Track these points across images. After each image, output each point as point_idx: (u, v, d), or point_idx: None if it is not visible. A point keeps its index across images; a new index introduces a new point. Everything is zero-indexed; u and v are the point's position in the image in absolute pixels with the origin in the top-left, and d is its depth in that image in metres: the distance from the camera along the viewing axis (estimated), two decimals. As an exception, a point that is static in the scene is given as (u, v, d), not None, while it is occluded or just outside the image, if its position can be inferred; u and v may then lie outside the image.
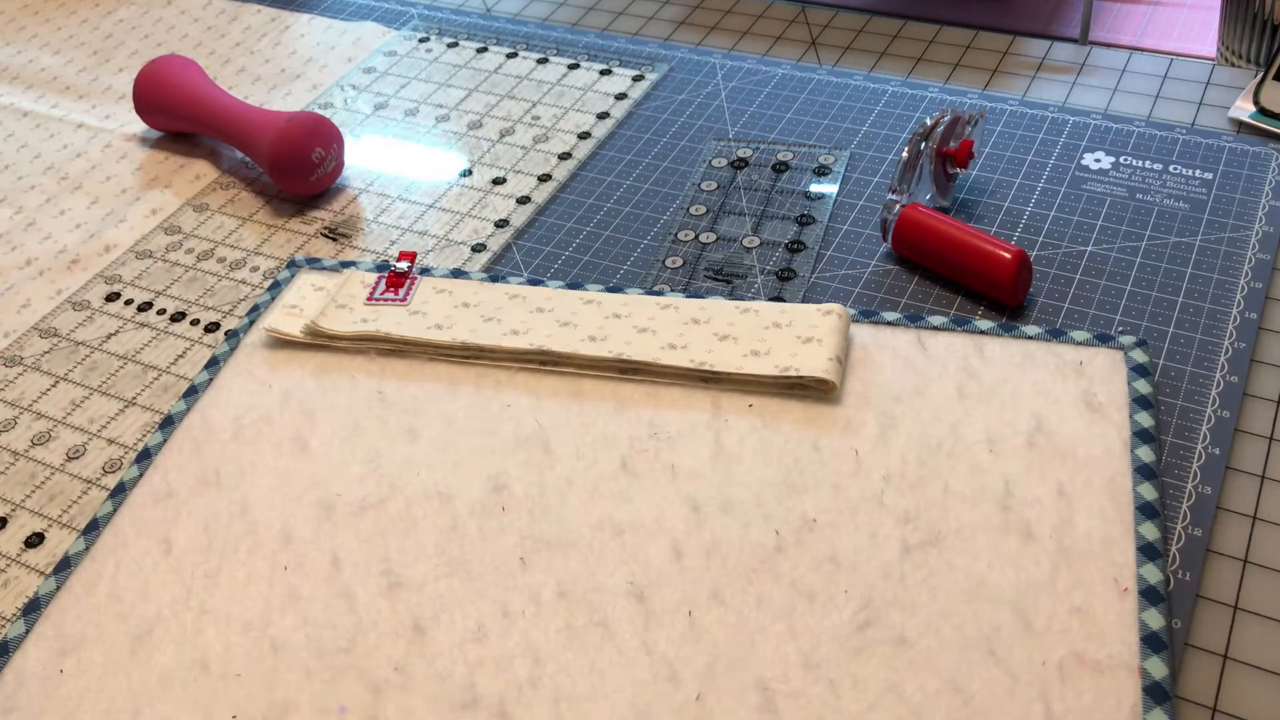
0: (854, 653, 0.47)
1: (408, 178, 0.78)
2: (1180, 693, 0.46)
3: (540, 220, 0.73)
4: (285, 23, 0.97)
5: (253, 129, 0.76)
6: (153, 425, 0.62)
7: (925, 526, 0.52)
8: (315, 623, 0.51)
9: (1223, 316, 0.61)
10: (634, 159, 0.77)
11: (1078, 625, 0.47)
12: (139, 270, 0.73)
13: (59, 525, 0.57)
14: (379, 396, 0.60)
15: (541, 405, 0.59)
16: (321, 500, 0.56)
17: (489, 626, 0.50)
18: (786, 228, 0.69)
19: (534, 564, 0.52)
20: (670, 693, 0.47)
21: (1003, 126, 0.76)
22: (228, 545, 0.54)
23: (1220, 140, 0.73)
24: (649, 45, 0.88)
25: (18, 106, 0.90)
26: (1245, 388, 0.58)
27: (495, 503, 0.55)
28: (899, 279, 0.65)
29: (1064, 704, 0.45)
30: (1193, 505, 0.52)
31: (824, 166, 0.74)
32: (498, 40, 0.91)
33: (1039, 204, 0.69)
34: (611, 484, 0.55)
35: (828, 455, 0.55)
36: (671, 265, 0.68)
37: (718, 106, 0.81)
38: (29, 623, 0.52)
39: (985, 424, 0.55)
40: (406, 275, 0.66)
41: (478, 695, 0.47)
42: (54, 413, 0.64)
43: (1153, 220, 0.67)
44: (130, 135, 0.85)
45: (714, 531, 0.52)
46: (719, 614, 0.49)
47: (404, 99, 0.85)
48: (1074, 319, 0.62)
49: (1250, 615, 0.49)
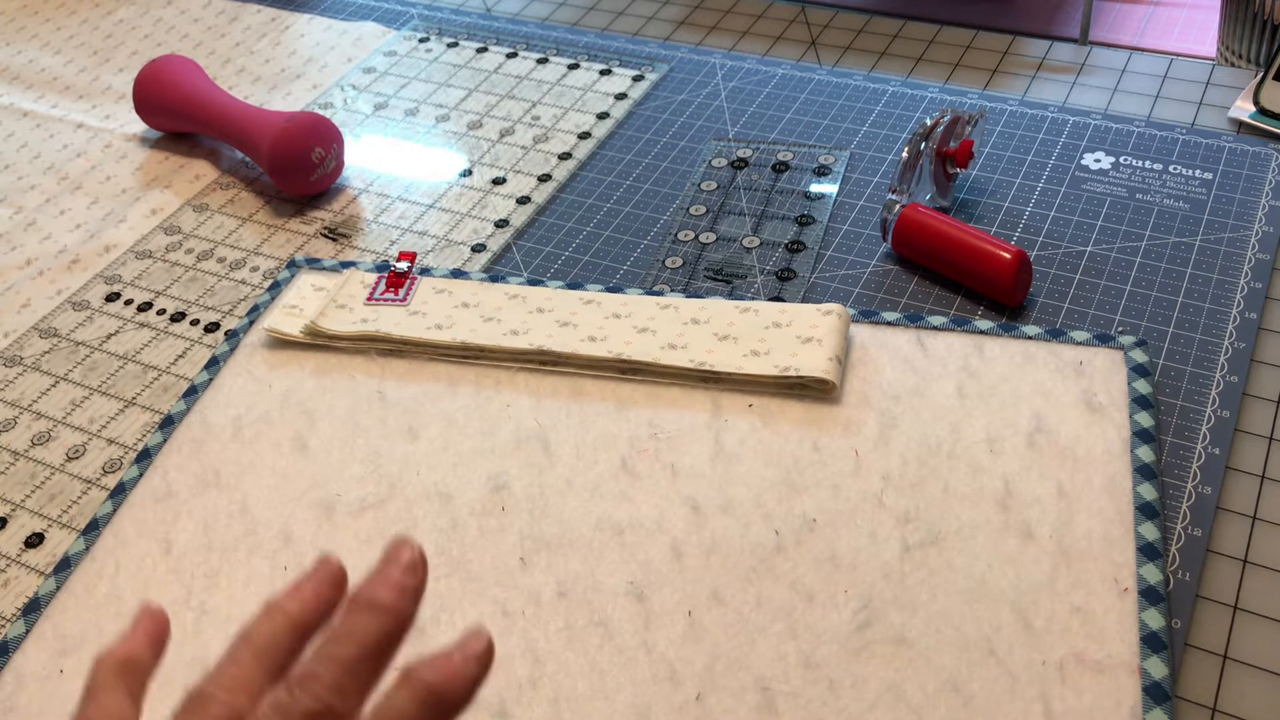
0: (854, 653, 0.47)
1: (408, 178, 0.78)
2: (1180, 693, 0.46)
3: (540, 220, 0.73)
4: (285, 23, 0.97)
5: (252, 129, 0.76)
6: (153, 425, 0.62)
7: (925, 526, 0.52)
8: (315, 623, 0.51)
9: (1222, 316, 0.61)
10: (634, 159, 0.77)
11: (1078, 625, 0.47)
12: (139, 270, 0.73)
13: (59, 525, 0.57)
14: (379, 396, 0.60)
15: (541, 405, 0.59)
16: (321, 500, 0.56)
17: (489, 626, 0.50)
18: (786, 228, 0.69)
19: (534, 564, 0.52)
20: (670, 693, 0.47)
21: (1003, 126, 0.76)
22: (228, 545, 0.54)
23: (1220, 140, 0.73)
24: (649, 45, 0.88)
25: (18, 106, 0.90)
26: (1245, 388, 0.58)
27: (495, 503, 0.55)
28: (899, 279, 0.65)
29: (1064, 704, 0.45)
30: (1193, 505, 0.52)
31: (824, 166, 0.74)
32: (498, 40, 0.91)
33: (1039, 204, 0.69)
34: (611, 484, 0.55)
35: (828, 455, 0.55)
36: (671, 265, 0.68)
37: (718, 106, 0.81)
38: (29, 623, 0.52)
39: (985, 424, 0.55)
40: (406, 275, 0.66)
41: (478, 695, 0.47)
42: (54, 413, 0.64)
43: (1153, 220, 0.67)
44: (130, 135, 0.85)
45: (714, 531, 0.52)
46: (719, 614, 0.49)
47: (404, 99, 0.85)
48: (1074, 319, 0.62)
49: (1250, 615, 0.49)
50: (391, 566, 0.34)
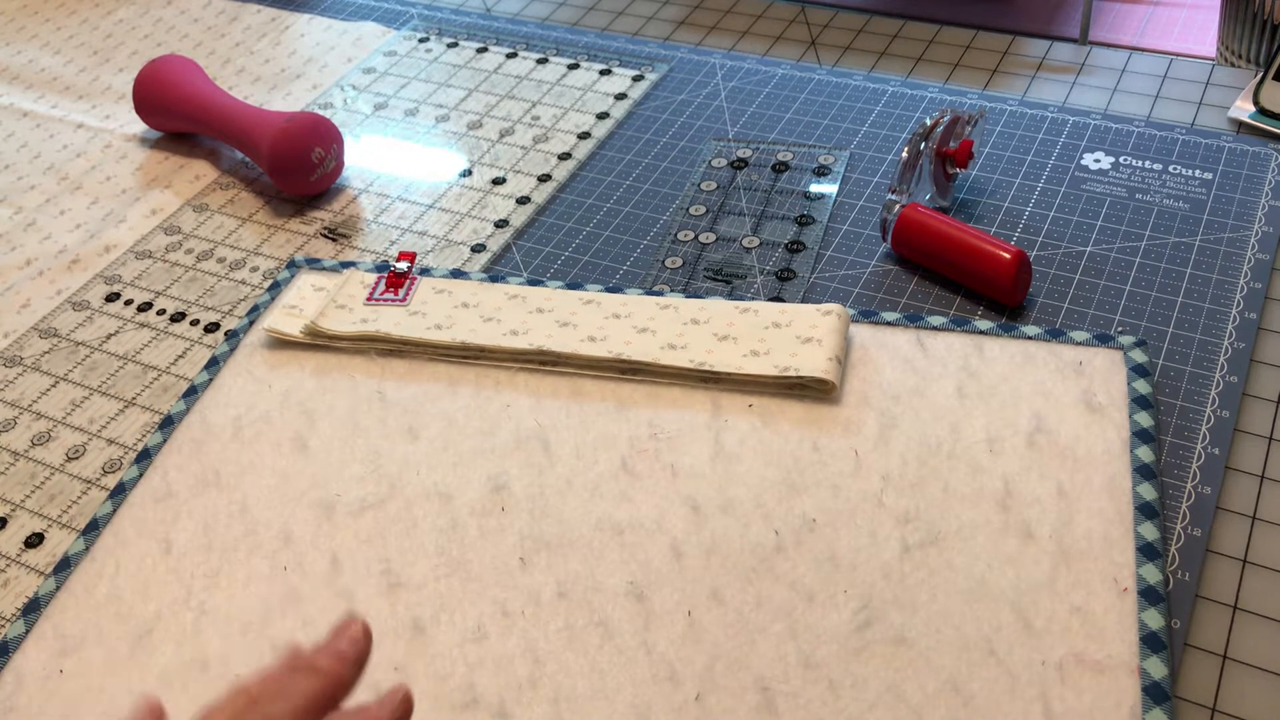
0: (854, 653, 0.47)
1: (408, 178, 0.78)
2: (1180, 693, 0.46)
3: (540, 220, 0.73)
4: (285, 23, 0.97)
5: (252, 129, 0.76)
6: (153, 425, 0.62)
7: (925, 526, 0.52)
8: (315, 623, 0.51)
9: (1222, 316, 0.61)
10: (634, 159, 0.77)
11: (1078, 625, 0.47)
12: (139, 270, 0.73)
13: (59, 525, 0.57)
14: (379, 396, 0.60)
15: (541, 405, 0.59)
16: (321, 500, 0.56)
17: (489, 626, 0.50)
18: (786, 228, 0.69)
19: (534, 564, 0.52)
20: (670, 693, 0.47)
21: (1003, 126, 0.76)
22: (228, 545, 0.54)
23: (1220, 140, 0.73)
24: (649, 45, 0.88)
25: (18, 106, 0.90)
26: (1245, 388, 0.58)
27: (495, 503, 0.55)
28: (899, 279, 0.65)
29: (1064, 704, 0.45)
30: (1192, 505, 0.52)
31: (824, 166, 0.74)
32: (498, 40, 0.91)
33: (1039, 204, 0.69)
34: (611, 484, 0.55)
35: (828, 455, 0.55)
36: (671, 265, 0.68)
37: (718, 106, 0.81)
38: (29, 623, 0.52)
39: (985, 424, 0.55)
40: (406, 275, 0.66)
41: (478, 695, 0.47)
42: (54, 413, 0.64)
43: (1152, 220, 0.67)
44: (130, 135, 0.85)
45: (714, 531, 0.52)
46: (719, 614, 0.49)
47: (404, 99, 0.85)
48: (1074, 319, 0.62)
49: (1250, 615, 0.49)
50: (338, 638, 0.37)
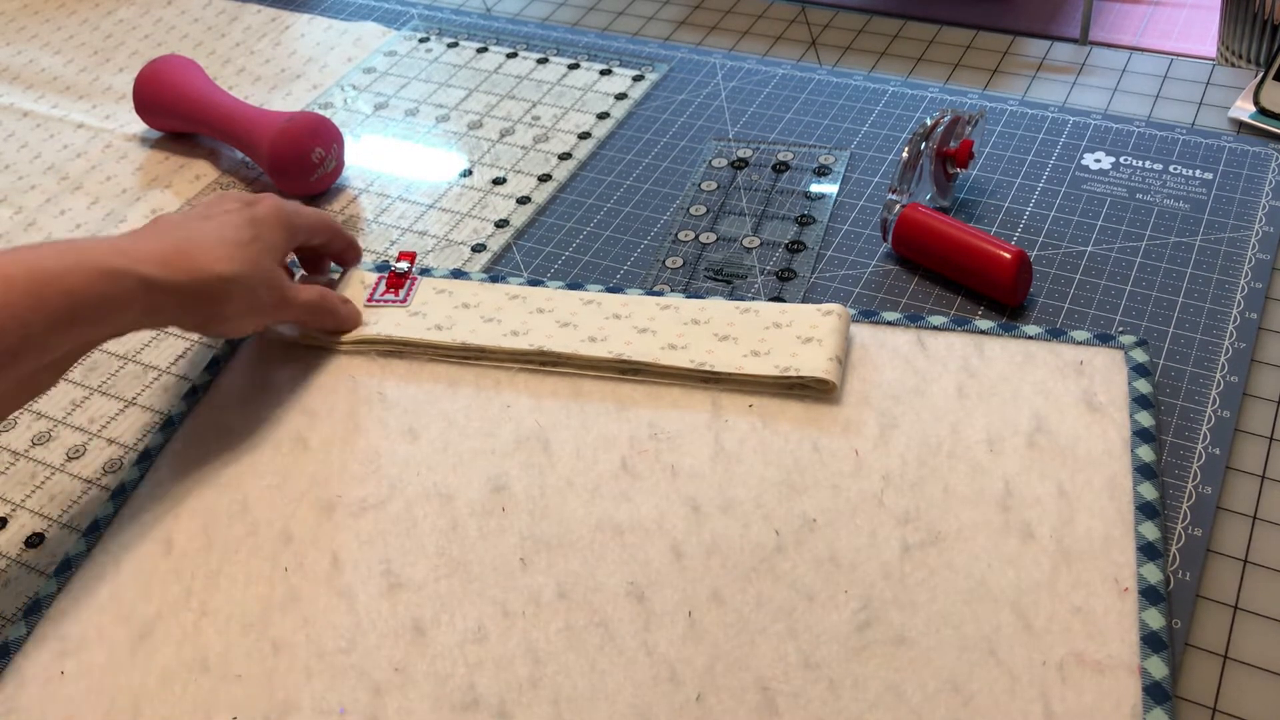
0: (854, 653, 0.47)
1: (408, 178, 0.78)
2: (1180, 693, 0.46)
3: (540, 220, 0.73)
4: (285, 23, 0.97)
5: (253, 129, 0.76)
6: (153, 425, 0.62)
7: (925, 526, 0.52)
8: (315, 623, 0.51)
9: (1223, 316, 0.61)
10: (634, 159, 0.77)
11: (1078, 625, 0.47)
12: (139, 270, 0.73)
13: (59, 525, 0.57)
14: (379, 397, 0.60)
15: (541, 405, 0.59)
16: (322, 500, 0.56)
17: (489, 627, 0.50)
18: (786, 228, 0.69)
19: (534, 564, 0.52)
20: (670, 693, 0.47)
21: (1003, 126, 0.76)
22: (228, 545, 0.54)
23: (1220, 140, 0.73)
24: (649, 45, 0.88)
25: (18, 106, 0.90)
26: (1245, 388, 0.58)
27: (495, 503, 0.55)
28: (899, 279, 0.65)
29: (1064, 704, 0.45)
30: (1193, 505, 0.52)
31: (824, 166, 0.74)
32: (498, 40, 0.91)
33: (1039, 204, 0.69)
34: (611, 484, 0.55)
35: (828, 455, 0.55)
36: (671, 265, 0.68)
37: (718, 106, 0.81)
38: (30, 624, 0.52)
39: (985, 424, 0.55)
40: (406, 276, 0.66)
41: (478, 696, 0.47)
42: (54, 413, 0.64)
43: (1153, 220, 0.67)
44: (130, 135, 0.85)
45: (714, 531, 0.52)
46: (719, 614, 0.49)
47: (404, 99, 0.85)
48: (1074, 319, 0.62)
49: (1250, 615, 0.49)
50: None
